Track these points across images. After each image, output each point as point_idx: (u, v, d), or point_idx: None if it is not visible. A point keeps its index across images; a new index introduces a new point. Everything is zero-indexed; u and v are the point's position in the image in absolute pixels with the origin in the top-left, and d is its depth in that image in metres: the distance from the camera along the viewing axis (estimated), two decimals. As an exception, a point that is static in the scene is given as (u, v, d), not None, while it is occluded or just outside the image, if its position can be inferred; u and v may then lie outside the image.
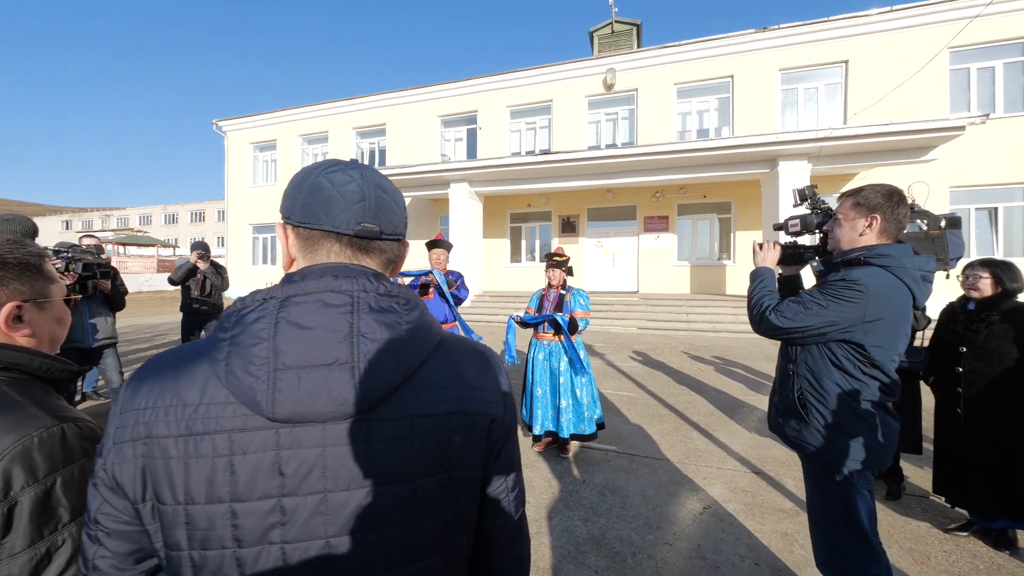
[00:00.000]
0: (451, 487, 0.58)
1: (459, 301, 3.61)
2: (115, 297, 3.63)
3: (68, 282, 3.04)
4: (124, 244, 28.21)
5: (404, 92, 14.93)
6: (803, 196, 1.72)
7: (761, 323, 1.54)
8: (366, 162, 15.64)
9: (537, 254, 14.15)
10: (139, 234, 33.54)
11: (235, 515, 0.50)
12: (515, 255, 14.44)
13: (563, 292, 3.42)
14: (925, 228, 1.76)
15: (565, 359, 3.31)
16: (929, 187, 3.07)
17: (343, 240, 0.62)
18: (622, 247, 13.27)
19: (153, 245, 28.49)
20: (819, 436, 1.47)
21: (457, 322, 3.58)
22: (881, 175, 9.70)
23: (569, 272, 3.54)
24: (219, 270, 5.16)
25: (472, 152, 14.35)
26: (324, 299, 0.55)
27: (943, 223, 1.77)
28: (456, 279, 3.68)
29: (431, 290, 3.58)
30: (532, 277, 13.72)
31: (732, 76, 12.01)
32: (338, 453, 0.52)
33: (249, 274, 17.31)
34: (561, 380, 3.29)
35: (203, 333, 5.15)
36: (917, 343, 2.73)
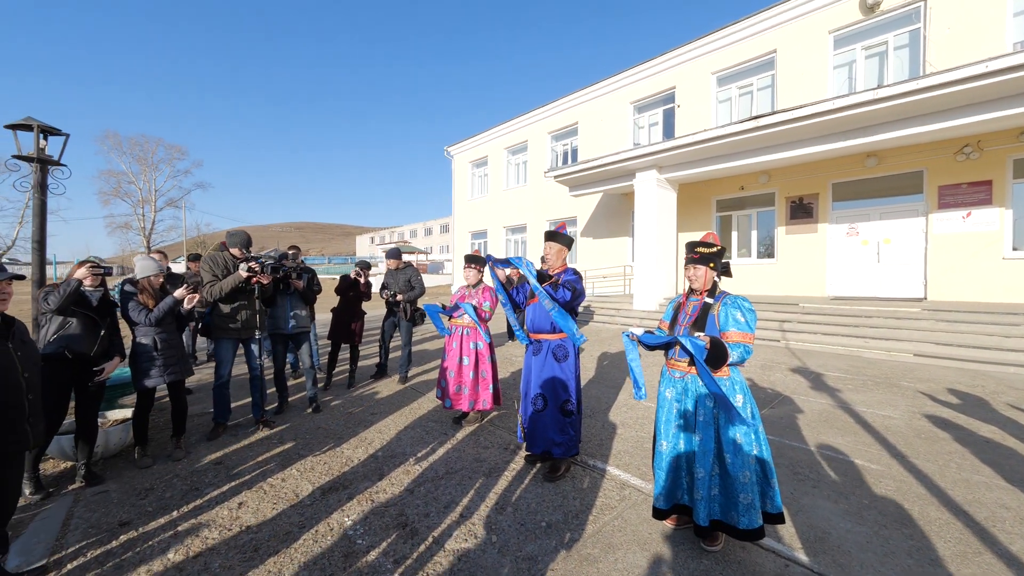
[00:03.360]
0: None
1: (566, 305, 2.87)
2: (306, 293, 4.48)
3: (265, 281, 3.84)
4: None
5: (594, 86, 14.42)
6: None
7: None
8: (559, 163, 16.03)
9: (753, 248, 11.35)
10: (406, 244, 44.13)
11: None
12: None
13: (709, 301, 2.26)
14: None
15: (709, 402, 2.17)
16: None
17: None
18: (895, 233, 9.21)
19: (414, 252, 37.00)
20: None
21: (566, 333, 2.86)
22: None
23: (723, 271, 2.34)
24: (412, 282, 5.60)
25: (670, 136, 12.65)
26: None
27: None
28: (567, 281, 2.95)
29: (555, 279, 3.00)
30: (747, 277, 11.10)
31: None
32: None
33: (468, 275, 20.18)
34: (698, 437, 2.16)
35: (393, 328, 5.96)
36: None
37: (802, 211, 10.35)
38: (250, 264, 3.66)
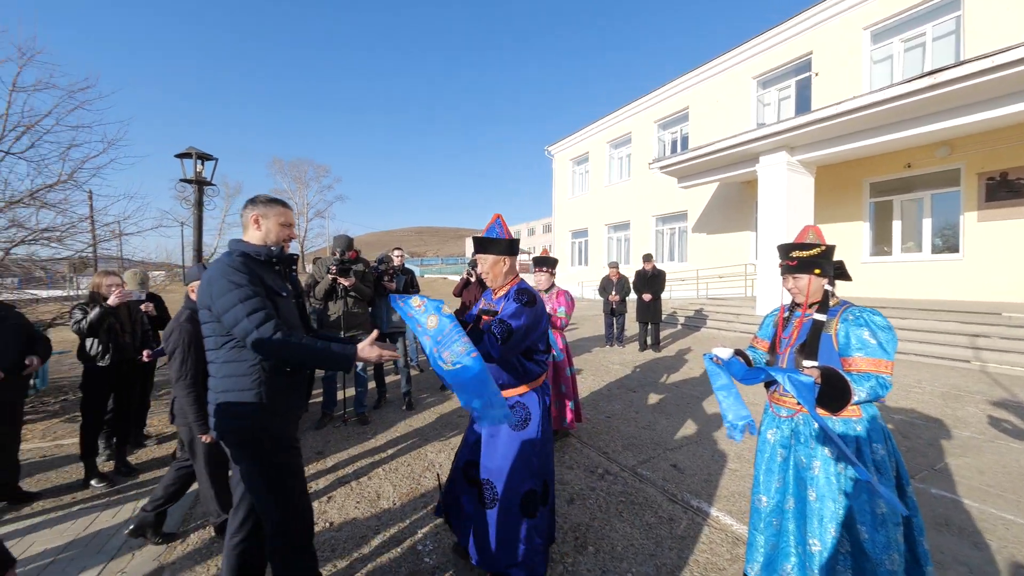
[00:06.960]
0: None
1: (502, 358, 1.84)
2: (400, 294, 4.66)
3: (346, 282, 4.05)
4: (501, 253, 38.98)
5: (708, 65, 12.90)
6: None
7: None
8: (667, 152, 14.77)
9: (926, 241, 8.99)
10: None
11: None
12: (881, 244, 9.74)
13: (821, 317, 1.66)
14: None
15: (830, 451, 1.58)
16: None
17: None
18: None
19: (516, 253, 37.93)
20: None
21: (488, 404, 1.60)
22: None
23: (838, 275, 1.74)
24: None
25: (804, 111, 10.72)
26: None
27: None
28: (501, 317, 1.87)
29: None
30: (917, 277, 8.88)
31: None
32: None
33: (568, 275, 19.82)
34: (812, 495, 1.58)
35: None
36: None
37: (1006, 190, 7.85)
38: (330, 267, 3.93)
